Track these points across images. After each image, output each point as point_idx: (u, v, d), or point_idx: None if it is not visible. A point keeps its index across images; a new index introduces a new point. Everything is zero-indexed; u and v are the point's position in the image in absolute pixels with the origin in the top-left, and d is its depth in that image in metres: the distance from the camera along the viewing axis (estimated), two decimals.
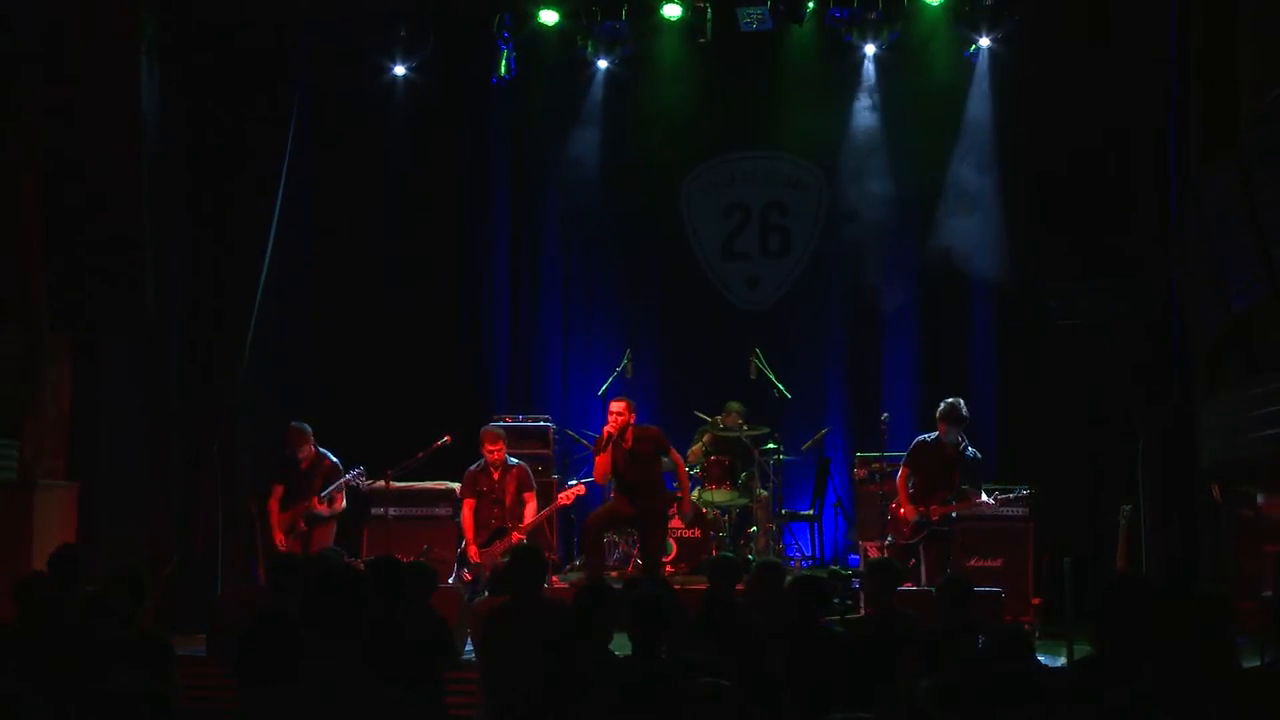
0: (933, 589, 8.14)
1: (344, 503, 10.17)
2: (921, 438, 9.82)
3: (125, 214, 9.62)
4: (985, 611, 8.01)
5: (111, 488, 10.04)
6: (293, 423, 10.18)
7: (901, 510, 9.66)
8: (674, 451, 10.00)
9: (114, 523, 9.89)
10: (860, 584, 9.33)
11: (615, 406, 9.77)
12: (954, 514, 9.58)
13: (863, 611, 8.68)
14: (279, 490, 10.13)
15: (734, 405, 11.17)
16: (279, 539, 10.07)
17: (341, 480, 10.04)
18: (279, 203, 10.80)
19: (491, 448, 9.98)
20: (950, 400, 9.70)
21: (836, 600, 8.41)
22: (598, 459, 9.82)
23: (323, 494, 10.00)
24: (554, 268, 12.53)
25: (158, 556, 10.11)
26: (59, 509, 9.69)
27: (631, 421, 9.75)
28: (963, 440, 9.66)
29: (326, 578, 4.27)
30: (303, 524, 10.04)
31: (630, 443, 9.71)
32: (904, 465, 9.80)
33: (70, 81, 9.57)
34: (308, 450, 10.09)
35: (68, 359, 10.03)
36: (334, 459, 10.19)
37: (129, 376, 10.33)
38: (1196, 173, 9.05)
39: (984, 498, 9.59)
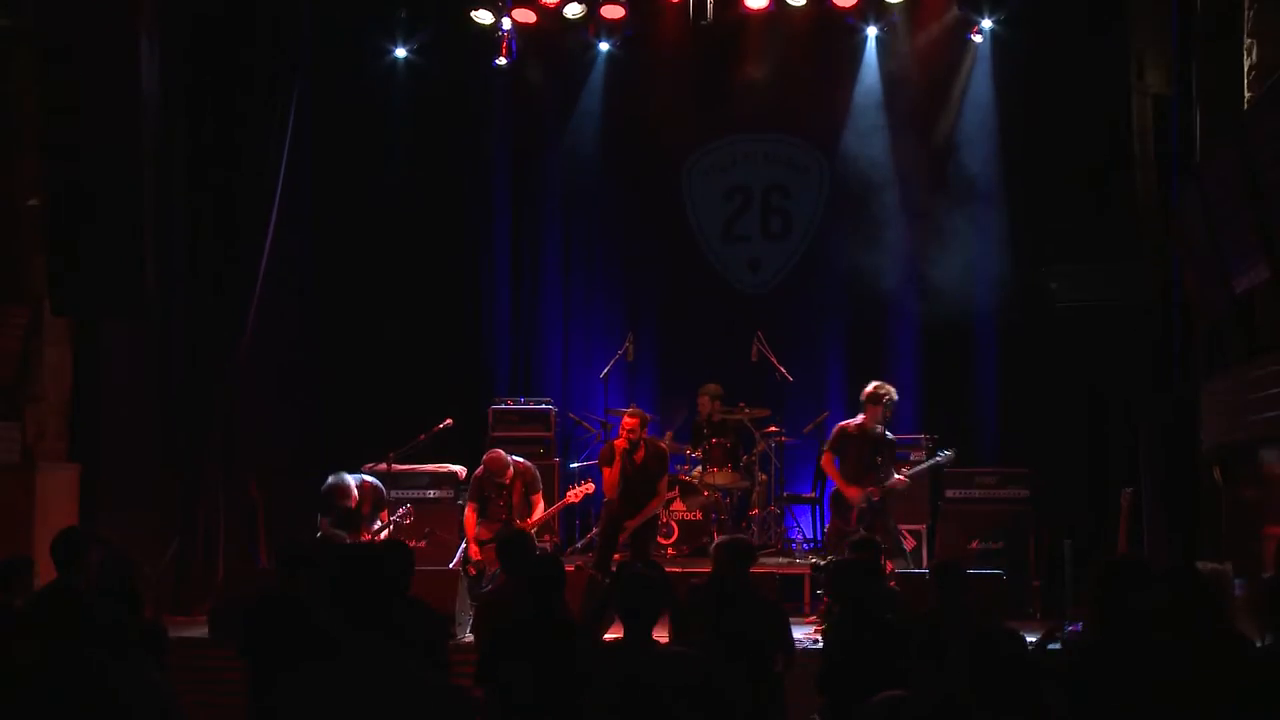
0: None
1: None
2: (844, 424, 9.56)
3: (125, 195, 9.48)
4: (985, 594, 7.98)
5: (113, 470, 9.96)
6: (331, 479, 9.43)
7: (847, 493, 9.37)
8: (665, 478, 9.82)
9: (115, 505, 9.80)
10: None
11: (628, 422, 9.52)
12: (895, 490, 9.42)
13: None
14: (326, 521, 9.48)
15: (710, 388, 11.07)
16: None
17: (390, 523, 9.63)
18: (280, 184, 10.74)
19: (498, 476, 9.73)
20: (876, 383, 9.51)
21: None
22: (606, 472, 9.57)
23: (373, 530, 9.55)
24: (555, 250, 12.47)
25: (159, 539, 10.07)
26: (60, 492, 9.61)
27: (644, 435, 9.56)
28: (882, 424, 9.49)
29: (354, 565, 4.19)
30: None
31: (641, 459, 9.52)
32: (828, 451, 9.54)
33: (69, 61, 9.47)
34: (351, 499, 9.51)
35: (68, 341, 9.95)
36: (372, 480, 9.77)
37: (130, 359, 10.26)
38: (1198, 155, 9.00)
39: (903, 475, 9.45)
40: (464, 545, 9.95)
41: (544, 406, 11.48)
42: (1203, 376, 9.01)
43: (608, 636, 6.02)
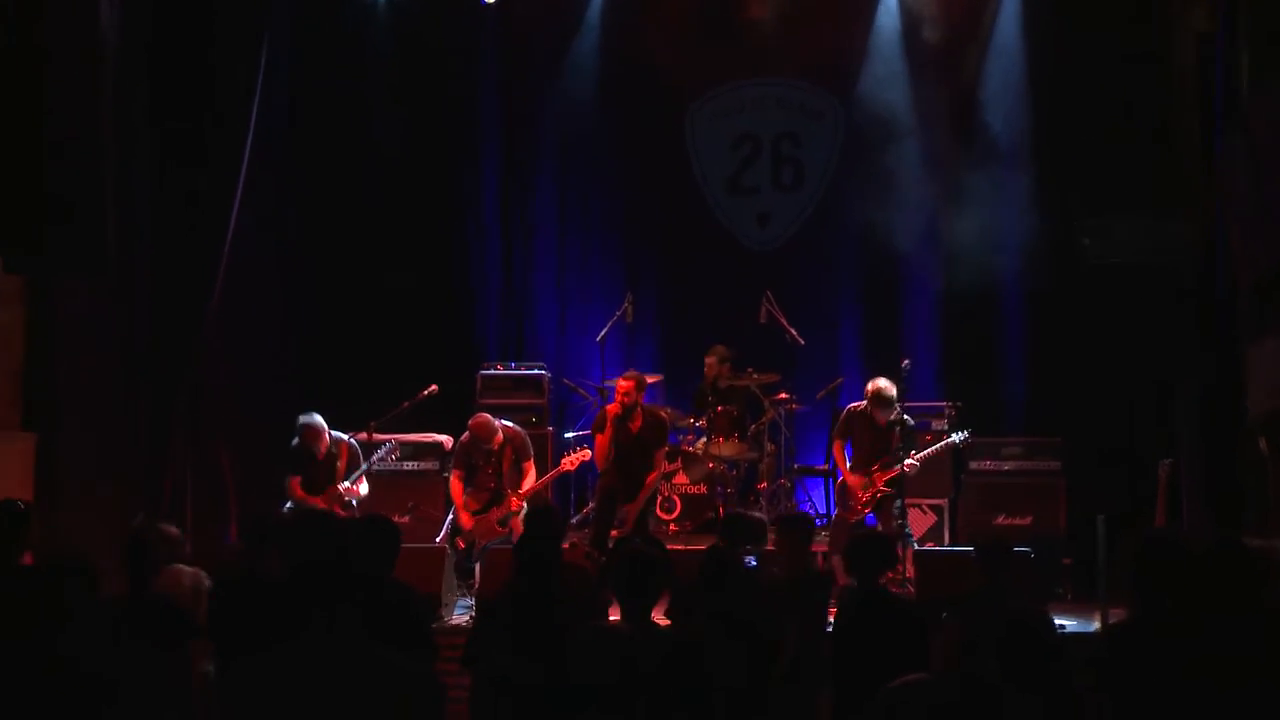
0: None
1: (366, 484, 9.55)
2: (852, 406, 9.55)
3: (84, 144, 9.10)
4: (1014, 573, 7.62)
5: (72, 441, 9.57)
6: (302, 419, 9.36)
7: (850, 482, 9.39)
8: (664, 449, 9.56)
9: (76, 477, 9.45)
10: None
11: (623, 385, 9.27)
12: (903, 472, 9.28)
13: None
14: (296, 480, 9.43)
15: (719, 349, 10.80)
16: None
17: (365, 467, 9.42)
18: (251, 134, 10.42)
19: (485, 443, 9.40)
20: (874, 386, 9.32)
21: None
22: (599, 439, 9.31)
23: (348, 481, 9.32)
24: (548, 202, 12.15)
25: (123, 514, 9.53)
26: (15, 462, 9.20)
27: (640, 401, 9.24)
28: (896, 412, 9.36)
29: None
30: (340, 511, 9.35)
31: (638, 427, 9.23)
32: (838, 437, 9.56)
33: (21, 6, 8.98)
34: (323, 443, 9.38)
35: (20, 301, 9.56)
36: (348, 439, 9.55)
37: (90, 320, 9.84)
38: (1245, 97, 8.65)
39: (912, 459, 9.29)
40: (451, 515, 9.64)
41: (537, 372, 11.18)
42: (1248, 339, 8.67)
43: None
